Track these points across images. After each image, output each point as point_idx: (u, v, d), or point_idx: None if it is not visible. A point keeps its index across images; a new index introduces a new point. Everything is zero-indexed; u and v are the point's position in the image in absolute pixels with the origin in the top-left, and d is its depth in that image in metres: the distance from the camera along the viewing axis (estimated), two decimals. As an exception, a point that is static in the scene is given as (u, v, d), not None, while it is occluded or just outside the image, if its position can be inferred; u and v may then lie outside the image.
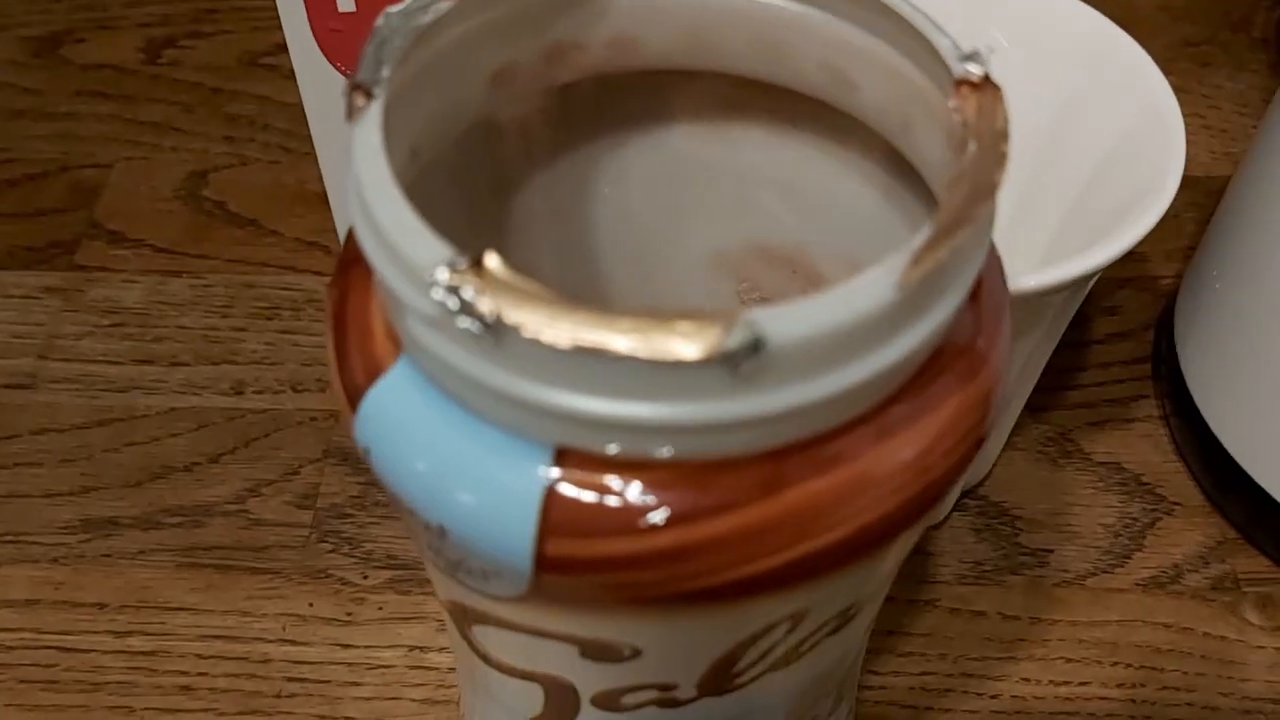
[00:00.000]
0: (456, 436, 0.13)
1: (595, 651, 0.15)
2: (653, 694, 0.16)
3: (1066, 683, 0.28)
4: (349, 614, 0.29)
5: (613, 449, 0.12)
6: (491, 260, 0.12)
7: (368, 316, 0.14)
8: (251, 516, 0.31)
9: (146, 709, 0.28)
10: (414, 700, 0.28)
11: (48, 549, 0.30)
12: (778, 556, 0.13)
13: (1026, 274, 0.20)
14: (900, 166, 0.17)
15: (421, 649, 0.29)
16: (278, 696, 0.28)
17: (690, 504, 0.12)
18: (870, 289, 0.11)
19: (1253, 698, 0.28)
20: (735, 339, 0.11)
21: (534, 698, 0.17)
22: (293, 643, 0.29)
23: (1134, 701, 0.28)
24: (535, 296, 0.11)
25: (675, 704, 0.16)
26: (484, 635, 0.16)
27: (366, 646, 0.29)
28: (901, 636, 0.29)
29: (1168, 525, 0.31)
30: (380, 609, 0.29)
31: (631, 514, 0.12)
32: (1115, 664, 0.29)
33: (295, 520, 0.31)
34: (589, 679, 0.16)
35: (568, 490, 0.12)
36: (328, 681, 0.28)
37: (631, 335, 0.11)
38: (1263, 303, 0.28)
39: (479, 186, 0.18)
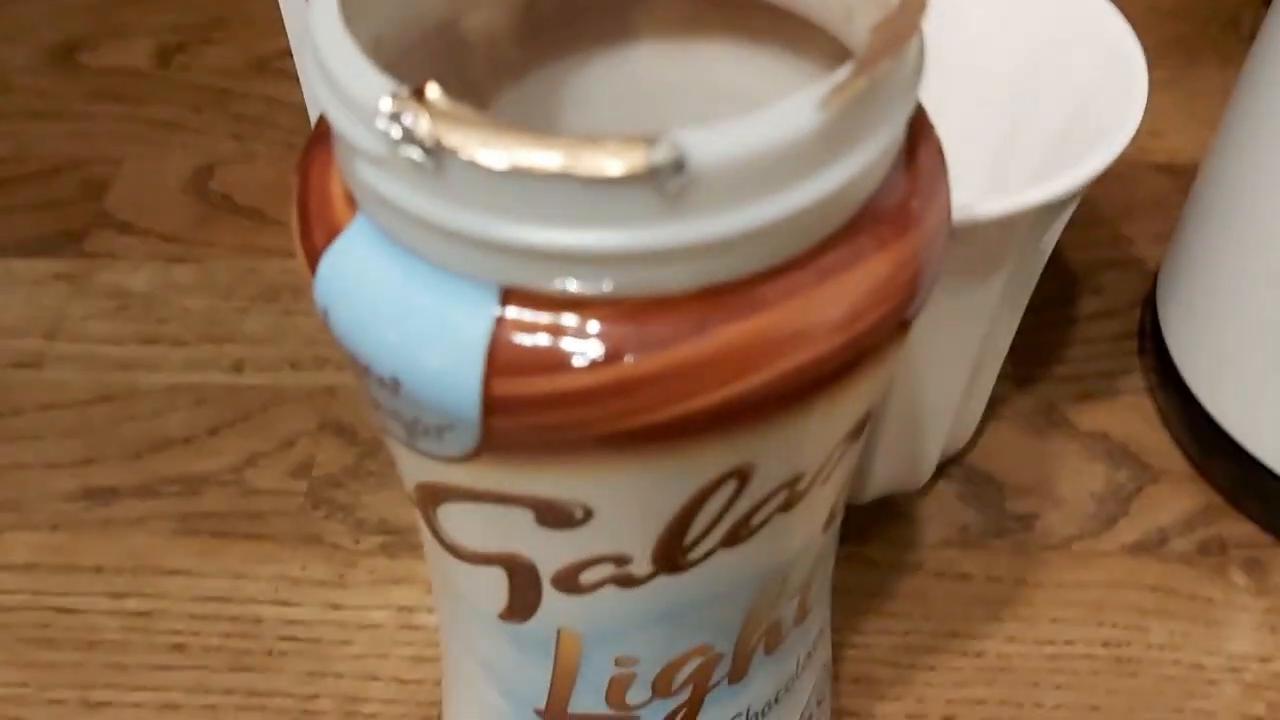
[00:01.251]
0: (408, 284, 0.13)
1: (549, 516, 0.15)
2: (609, 569, 0.16)
3: (1051, 641, 0.28)
4: (340, 576, 0.30)
5: (555, 284, 0.13)
6: (432, 90, 0.12)
7: (327, 184, 0.15)
8: (247, 486, 0.32)
9: (139, 666, 0.28)
10: (402, 658, 0.28)
11: (48, 516, 0.31)
12: (711, 394, 0.13)
13: (990, 197, 0.21)
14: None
15: (410, 609, 0.29)
16: (269, 654, 0.28)
17: (628, 340, 0.13)
18: (794, 112, 0.12)
19: (1238, 655, 0.28)
20: (659, 155, 0.12)
21: (499, 587, 0.17)
22: (285, 603, 0.29)
23: (1119, 660, 0.28)
24: (473, 121, 0.12)
25: (632, 582, 0.16)
26: (447, 518, 0.17)
27: (357, 607, 0.29)
28: (885, 598, 0.29)
29: (1154, 492, 0.31)
30: (371, 572, 0.30)
31: (573, 351, 0.13)
32: (1101, 624, 0.29)
33: (290, 489, 0.31)
34: (547, 554, 0.16)
35: (513, 329, 0.13)
36: (319, 640, 0.29)
37: (562, 153, 0.12)
38: (1241, 271, 0.29)
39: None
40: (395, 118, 0.12)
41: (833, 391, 0.14)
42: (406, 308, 0.13)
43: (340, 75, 0.13)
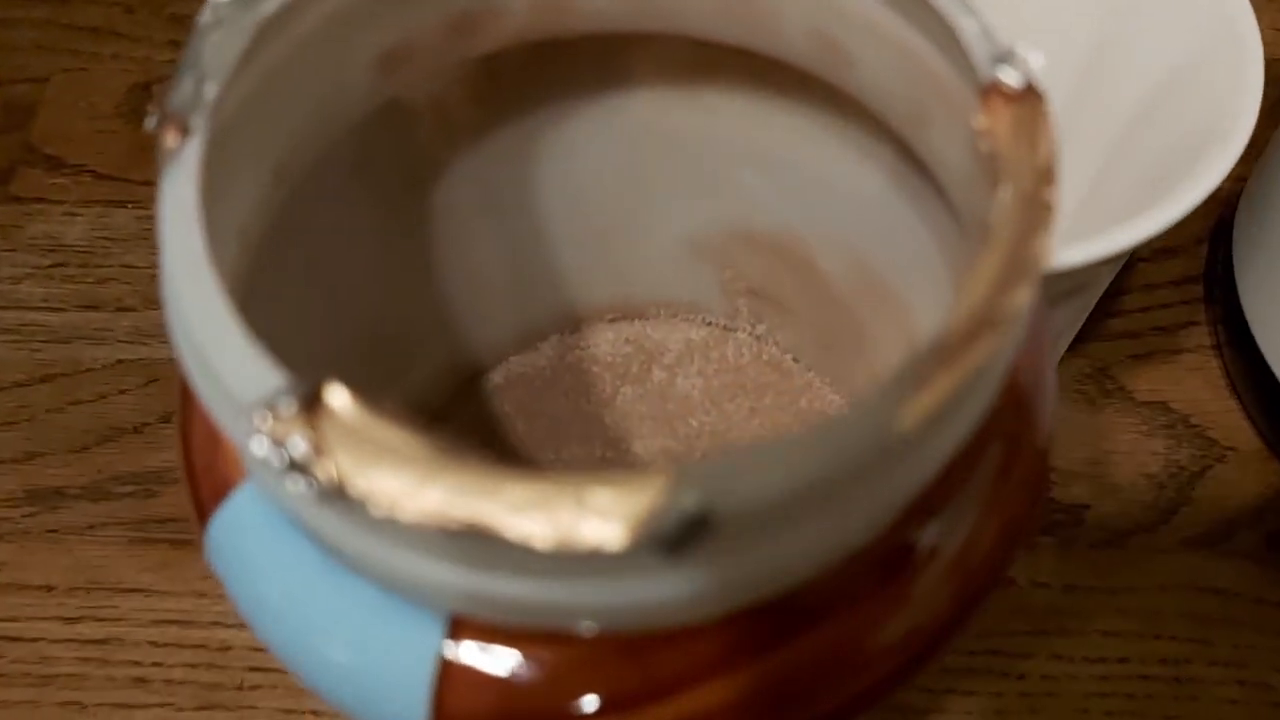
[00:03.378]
0: (319, 588, 0.10)
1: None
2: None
3: (1103, 659, 0.26)
4: (315, 593, 0.27)
5: (519, 623, 0.09)
6: (336, 397, 0.08)
7: (207, 417, 0.11)
8: (208, 484, 0.28)
9: (99, 705, 0.26)
10: (387, 690, 0.26)
11: (-10, 524, 0.28)
12: (745, 743, 0.10)
13: (1066, 248, 0.17)
14: (911, 150, 0.13)
15: (395, 631, 0.26)
16: (239, 689, 0.26)
17: (628, 685, 0.09)
18: (860, 430, 0.08)
19: (1311, 672, 0.25)
20: (672, 518, 0.08)
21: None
22: (255, 626, 0.26)
23: (1178, 680, 0.25)
24: (394, 451, 0.08)
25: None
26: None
27: (335, 629, 0.26)
28: (921, 608, 0.26)
29: (1219, 474, 0.28)
30: (349, 586, 0.27)
31: (551, 698, 0.09)
32: (1158, 637, 0.26)
33: (255, 487, 0.28)
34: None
35: (464, 673, 0.09)
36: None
37: (528, 512, 0.08)
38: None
39: (388, 178, 0.14)
40: (277, 441, 0.08)
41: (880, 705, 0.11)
42: (320, 621, 0.10)
43: (208, 353, 0.09)
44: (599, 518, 0.08)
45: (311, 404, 0.08)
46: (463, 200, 0.15)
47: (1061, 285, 0.18)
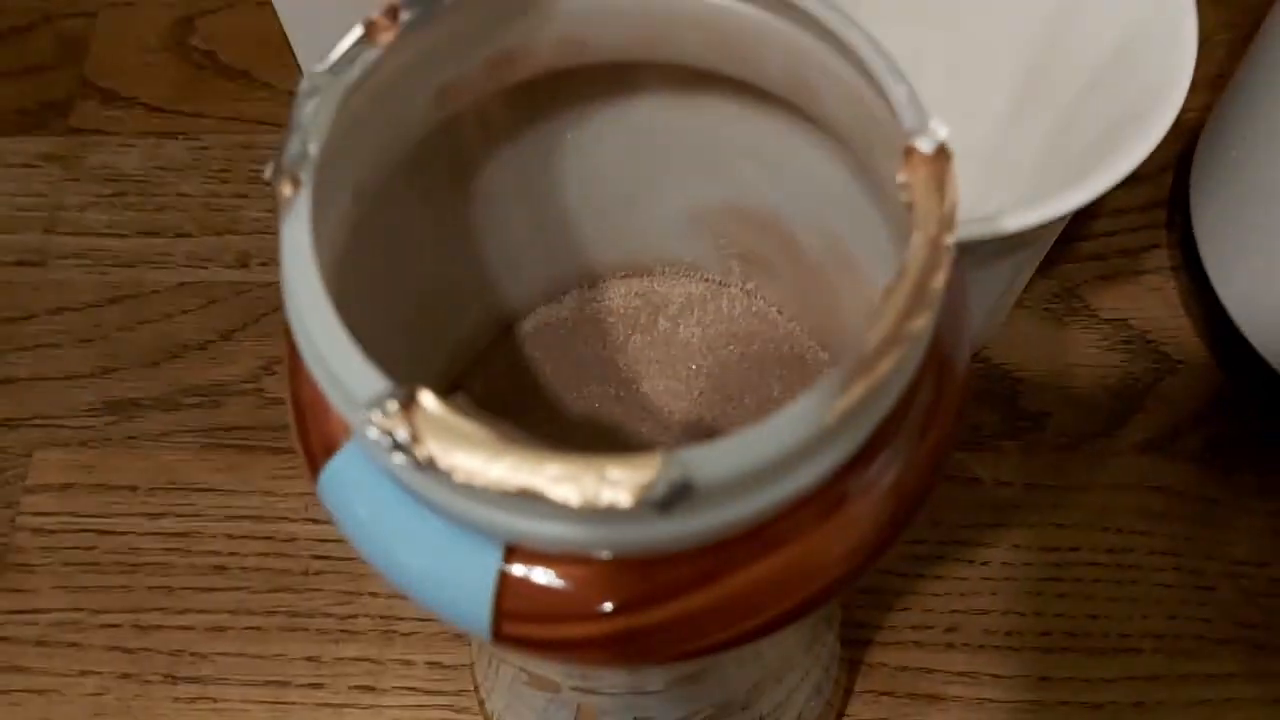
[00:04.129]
0: (409, 523, 0.13)
1: (575, 680, 0.16)
2: (625, 688, 0.17)
3: (1056, 549, 0.29)
4: (366, 492, 0.31)
5: (557, 550, 0.13)
6: (426, 399, 0.12)
7: (317, 389, 0.14)
8: (267, 395, 0.32)
9: (184, 588, 0.30)
10: (431, 575, 0.30)
11: (75, 432, 0.32)
12: (719, 635, 0.13)
13: (1007, 215, 0.20)
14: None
15: (436, 525, 0.30)
16: (305, 574, 0.30)
17: (634, 593, 0.13)
18: (800, 422, 0.11)
19: (1238, 561, 0.29)
20: (663, 485, 0.11)
21: (520, 673, 0.18)
22: (315, 521, 0.30)
23: (1121, 567, 0.29)
24: (469, 437, 0.11)
25: (644, 692, 0.17)
26: (466, 630, 0.17)
27: (384, 524, 0.30)
28: (898, 505, 0.30)
29: (1169, 385, 0.31)
30: (396, 486, 0.31)
31: (579, 603, 0.13)
32: (1105, 529, 0.30)
33: (309, 398, 0.32)
34: (566, 680, 0.17)
35: (518, 583, 0.13)
36: (352, 559, 0.30)
37: (564, 482, 0.11)
38: (1276, 178, 0.27)
39: (437, 176, 0.17)
40: (386, 431, 0.11)
41: (832, 602, 0.14)
42: (410, 546, 0.13)
43: (329, 362, 0.12)
44: (612, 487, 0.11)
45: (408, 403, 0.12)
46: (498, 187, 0.18)
47: (1019, 240, 0.21)
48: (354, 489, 0.13)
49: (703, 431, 0.20)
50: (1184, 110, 0.34)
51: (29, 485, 0.31)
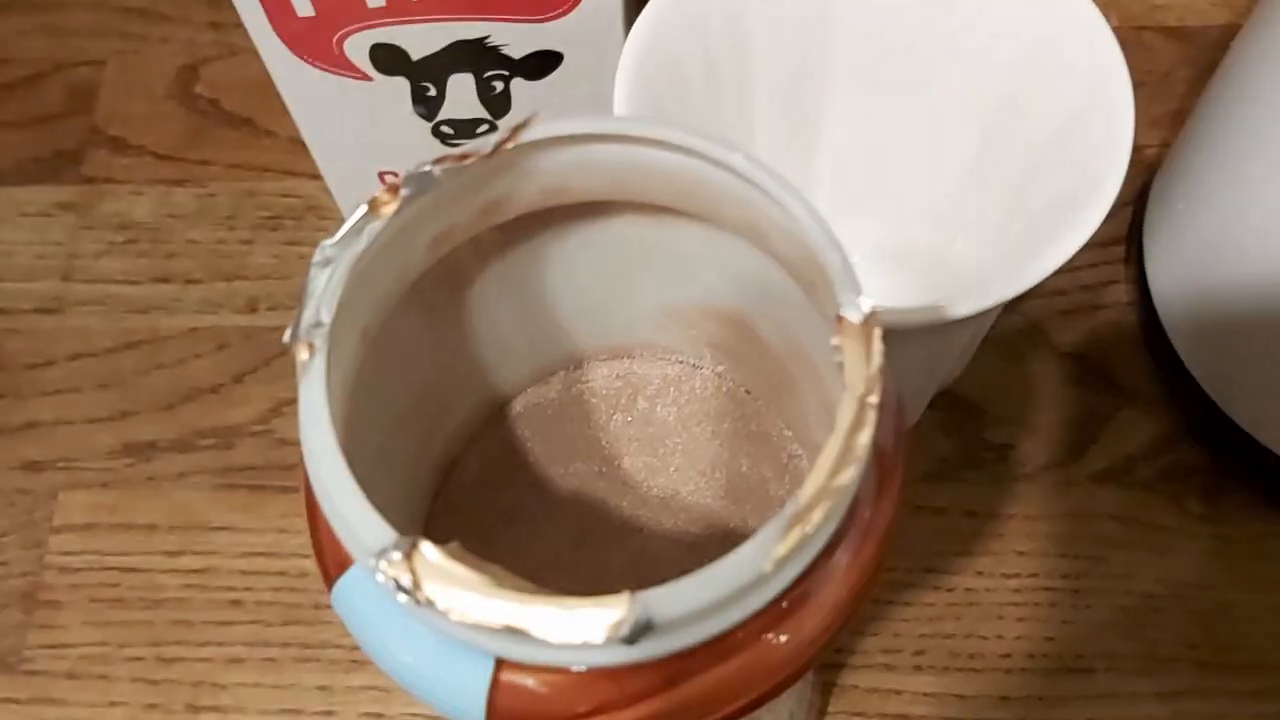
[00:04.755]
0: (413, 637, 0.15)
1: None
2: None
3: (1016, 575, 0.31)
4: (372, 528, 0.33)
5: (540, 663, 0.15)
6: (426, 549, 0.14)
7: (333, 514, 0.16)
8: (276, 436, 0.34)
9: (203, 622, 0.32)
10: (434, 607, 0.32)
11: (97, 474, 0.34)
12: (685, 728, 0.15)
13: (955, 301, 0.22)
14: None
15: (438, 559, 0.32)
16: (316, 607, 0.32)
17: (607, 698, 0.15)
18: (744, 566, 0.13)
19: (1184, 583, 0.31)
20: (629, 624, 0.13)
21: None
22: (324, 556, 0.32)
23: (1077, 591, 0.31)
24: (463, 580, 0.13)
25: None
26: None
27: (389, 558, 0.32)
28: (869, 535, 0.32)
29: (1126, 417, 0.33)
30: (399, 522, 0.33)
31: (560, 706, 0.15)
32: (1063, 555, 0.32)
33: (316, 439, 0.34)
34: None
35: (508, 688, 0.15)
36: (358, 592, 0.32)
37: (545, 621, 0.13)
38: (1222, 224, 0.29)
39: (434, 293, 0.19)
40: (390, 577, 0.13)
41: (787, 689, 0.16)
42: (413, 655, 0.15)
43: (341, 512, 0.14)
44: (585, 626, 0.13)
45: (410, 552, 0.14)
46: (490, 295, 0.20)
47: (955, 324, 0.23)
48: (364, 602, 0.15)
49: (678, 505, 0.22)
50: (1144, 146, 0.36)
51: (55, 525, 0.33)
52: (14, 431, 0.34)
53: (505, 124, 0.16)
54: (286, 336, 0.15)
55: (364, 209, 0.15)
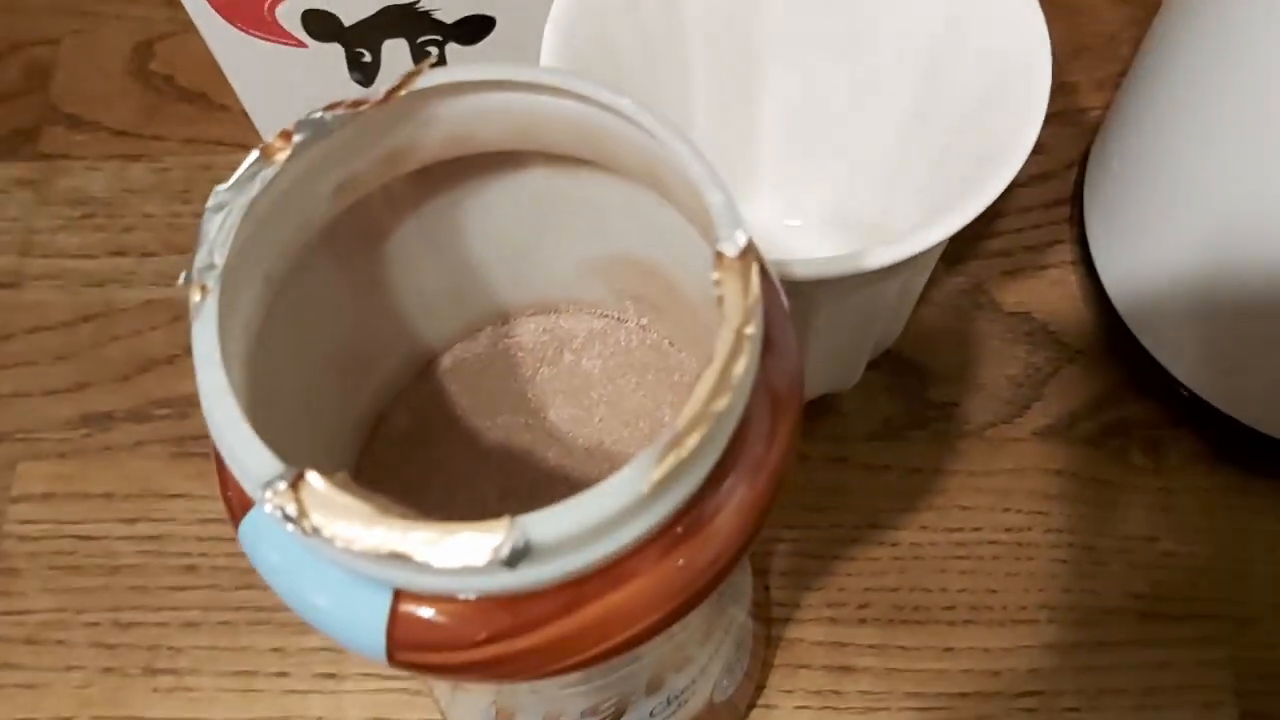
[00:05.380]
0: (312, 572, 0.16)
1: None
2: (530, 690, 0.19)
3: (960, 529, 0.32)
4: (325, 494, 0.33)
5: (433, 592, 0.15)
6: (312, 478, 0.14)
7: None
8: (231, 405, 0.34)
9: (159, 587, 0.32)
10: (387, 570, 0.32)
11: (55, 444, 0.34)
12: (581, 656, 0.16)
13: (873, 252, 0.22)
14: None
15: (391, 523, 0.33)
16: (270, 572, 0.32)
17: (503, 625, 0.15)
18: (622, 490, 0.14)
19: (1128, 536, 0.32)
20: (507, 546, 0.14)
21: (439, 675, 0.21)
22: (279, 522, 0.33)
23: (1019, 544, 0.32)
24: (348, 509, 0.14)
25: (551, 692, 0.20)
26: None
27: (343, 523, 0.33)
28: (814, 492, 0.32)
29: (1069, 374, 0.34)
30: (353, 487, 0.33)
31: (459, 634, 0.15)
32: (1006, 510, 0.32)
33: (270, 407, 0.34)
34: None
35: (406, 618, 0.15)
36: (312, 556, 0.32)
37: (426, 546, 0.14)
38: (1156, 181, 0.29)
39: (349, 245, 0.19)
40: (277, 506, 0.14)
41: (688, 615, 0.17)
42: (314, 592, 0.16)
43: (230, 447, 0.14)
44: (466, 550, 0.14)
45: (296, 482, 0.14)
46: (408, 248, 0.20)
47: (892, 270, 0.23)
48: (266, 541, 0.16)
49: (602, 454, 0.22)
50: (1089, 108, 0.37)
51: (14, 496, 0.33)
52: (-28, 405, 0.35)
53: (398, 73, 0.16)
54: (180, 280, 0.15)
55: (256, 154, 0.16)
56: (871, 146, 0.30)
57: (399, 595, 0.15)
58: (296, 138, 0.16)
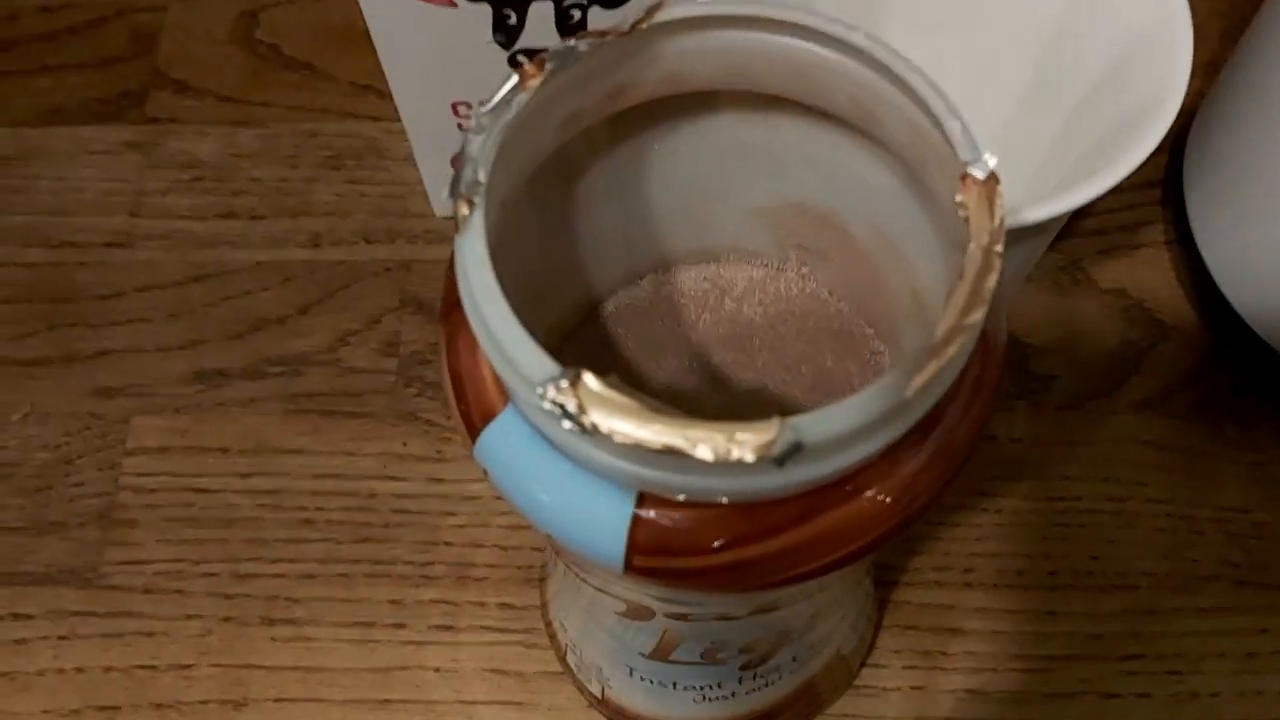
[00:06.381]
0: (558, 477, 0.16)
1: (674, 606, 0.19)
2: (712, 614, 0.20)
3: (1061, 498, 0.33)
4: (439, 451, 0.34)
5: (682, 497, 0.16)
6: (589, 379, 0.15)
7: (477, 365, 0.17)
8: (343, 365, 0.35)
9: (276, 540, 0.33)
10: (501, 527, 0.33)
11: (169, 399, 0.35)
12: (807, 565, 0.16)
13: (1025, 209, 0.23)
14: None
15: (503, 481, 0.33)
16: (385, 526, 0.33)
17: (743, 532, 0.16)
18: (884, 396, 0.15)
19: (1224, 507, 0.32)
20: (780, 444, 0.14)
21: (622, 603, 0.21)
22: (393, 478, 0.33)
23: (1119, 514, 0.32)
24: (624, 407, 0.15)
25: (729, 618, 0.20)
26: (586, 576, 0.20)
27: (457, 480, 0.33)
28: (919, 460, 0.33)
29: (1164, 349, 0.34)
30: (464, 447, 0.34)
31: (698, 539, 0.16)
32: (1106, 480, 0.33)
33: (382, 367, 0.35)
34: (664, 607, 0.20)
35: (648, 523, 0.16)
36: (427, 512, 0.33)
37: (701, 442, 0.14)
38: (1261, 162, 0.30)
39: (548, 183, 0.20)
40: (557, 404, 0.15)
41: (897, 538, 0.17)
42: (559, 496, 0.16)
43: (506, 349, 0.15)
44: (739, 446, 0.14)
45: (575, 381, 0.15)
46: (595, 189, 0.21)
47: (1031, 230, 0.24)
48: (510, 449, 0.17)
49: (765, 398, 0.23)
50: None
51: (129, 449, 0.34)
52: (86, 360, 0.35)
53: (640, 5, 0.17)
54: (446, 194, 0.16)
55: (513, 80, 0.16)
56: (984, 121, 0.31)
57: (643, 499, 0.16)
58: (549, 66, 0.17)
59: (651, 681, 0.26)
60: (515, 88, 0.16)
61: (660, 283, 0.24)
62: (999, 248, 0.15)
